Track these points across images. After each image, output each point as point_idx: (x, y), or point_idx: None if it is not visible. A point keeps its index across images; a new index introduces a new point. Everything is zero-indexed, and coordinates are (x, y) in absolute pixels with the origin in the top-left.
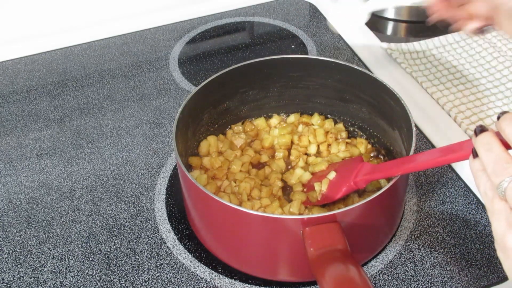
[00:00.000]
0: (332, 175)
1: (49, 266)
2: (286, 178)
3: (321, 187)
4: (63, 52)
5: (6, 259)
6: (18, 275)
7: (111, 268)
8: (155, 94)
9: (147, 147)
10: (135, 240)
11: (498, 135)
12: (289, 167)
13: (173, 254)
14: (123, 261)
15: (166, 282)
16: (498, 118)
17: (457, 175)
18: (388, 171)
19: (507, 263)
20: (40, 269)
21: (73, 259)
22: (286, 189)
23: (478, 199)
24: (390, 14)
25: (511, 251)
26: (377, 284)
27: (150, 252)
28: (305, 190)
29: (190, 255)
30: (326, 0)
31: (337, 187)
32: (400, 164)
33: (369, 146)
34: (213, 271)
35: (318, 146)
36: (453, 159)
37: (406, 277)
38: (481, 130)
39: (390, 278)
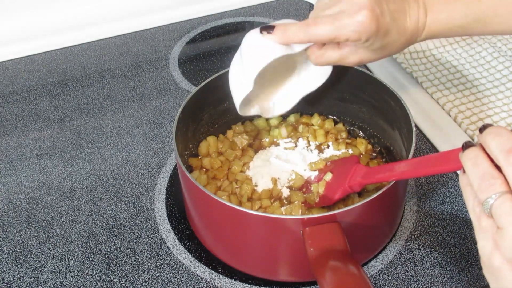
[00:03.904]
0: (328, 176)
1: (49, 266)
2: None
3: (318, 189)
4: (63, 52)
5: (6, 259)
6: (18, 275)
7: (111, 268)
8: (155, 94)
9: (147, 147)
10: (135, 240)
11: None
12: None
13: (173, 254)
14: (123, 261)
15: (166, 282)
16: (481, 131)
17: (457, 175)
18: (382, 176)
19: (494, 284)
20: (40, 269)
21: (73, 259)
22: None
23: None
24: None
25: (498, 271)
26: (377, 284)
27: (150, 252)
28: (304, 190)
29: (190, 255)
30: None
31: (334, 189)
32: (394, 169)
33: (369, 146)
34: (213, 271)
35: (318, 146)
36: (451, 168)
37: (406, 277)
38: (468, 145)
39: (390, 278)
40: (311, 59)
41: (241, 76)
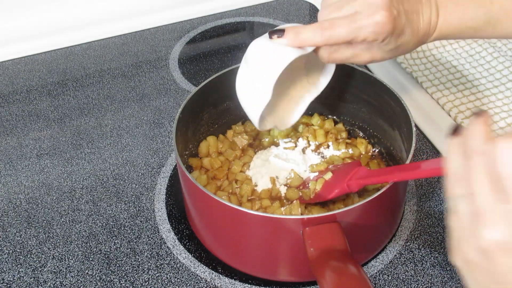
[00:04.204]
0: (328, 175)
1: (49, 266)
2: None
3: (315, 186)
4: (63, 52)
5: (6, 259)
6: (18, 275)
7: (111, 268)
8: (155, 94)
9: (147, 147)
10: (135, 240)
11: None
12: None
13: (173, 254)
14: (123, 261)
15: (166, 282)
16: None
17: None
18: (382, 177)
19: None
20: (40, 269)
21: (73, 259)
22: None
23: None
24: None
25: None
26: (377, 284)
27: (150, 252)
28: (301, 187)
29: (190, 255)
30: None
31: (331, 188)
32: (395, 171)
33: (369, 146)
34: (213, 271)
35: (318, 146)
36: None
37: (406, 277)
38: (454, 132)
39: (390, 278)
40: (323, 56)
41: (254, 88)
